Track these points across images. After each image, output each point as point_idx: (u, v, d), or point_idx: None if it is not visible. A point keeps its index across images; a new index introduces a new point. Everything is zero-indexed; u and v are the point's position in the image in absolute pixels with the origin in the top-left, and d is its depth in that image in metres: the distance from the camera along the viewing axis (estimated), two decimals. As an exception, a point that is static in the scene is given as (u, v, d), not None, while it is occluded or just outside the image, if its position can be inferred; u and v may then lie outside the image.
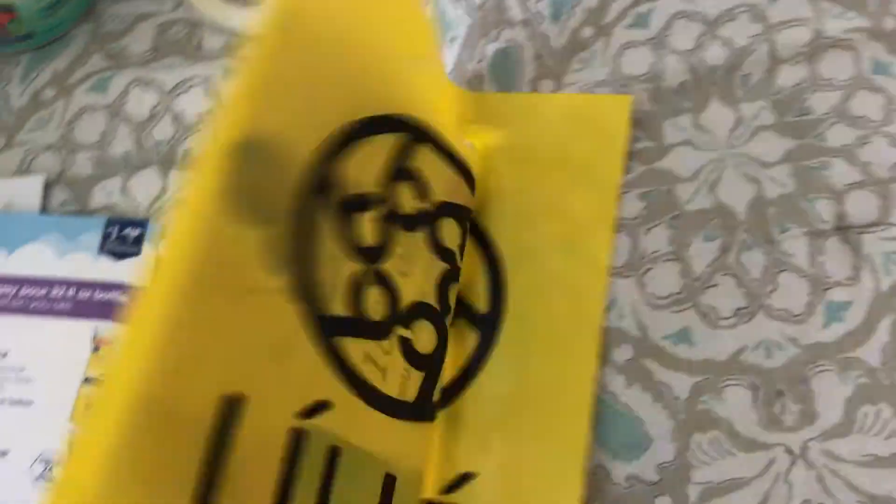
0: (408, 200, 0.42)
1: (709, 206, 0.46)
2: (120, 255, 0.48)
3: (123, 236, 0.49)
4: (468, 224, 0.46)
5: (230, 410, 0.31)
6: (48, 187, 0.51)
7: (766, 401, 0.42)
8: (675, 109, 0.49)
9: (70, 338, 0.46)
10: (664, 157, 0.48)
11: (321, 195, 0.37)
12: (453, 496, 0.41)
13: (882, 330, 0.43)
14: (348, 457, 0.36)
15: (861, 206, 0.45)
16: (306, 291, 0.36)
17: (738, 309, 0.44)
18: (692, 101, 0.49)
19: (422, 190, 0.43)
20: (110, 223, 0.49)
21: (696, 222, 0.46)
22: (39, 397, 0.45)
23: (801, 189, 0.45)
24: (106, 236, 0.49)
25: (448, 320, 0.44)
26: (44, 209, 0.50)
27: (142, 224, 0.49)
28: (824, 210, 0.45)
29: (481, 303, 0.45)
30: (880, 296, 0.43)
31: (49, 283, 0.48)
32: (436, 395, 0.42)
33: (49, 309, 0.47)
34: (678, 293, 0.44)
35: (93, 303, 0.47)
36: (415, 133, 0.43)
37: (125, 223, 0.49)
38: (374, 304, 0.39)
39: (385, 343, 0.39)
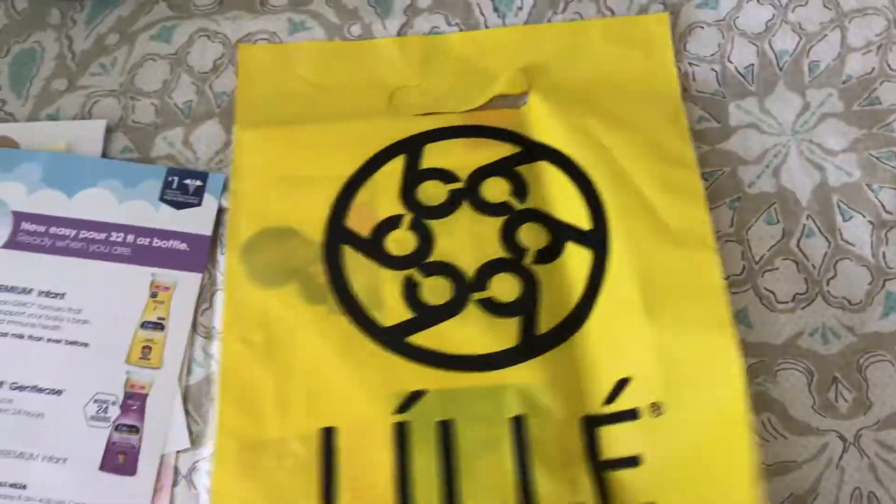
0: (431, 196, 0.47)
1: (772, 190, 0.46)
2: (180, 205, 0.48)
3: (184, 186, 0.49)
4: (516, 171, 0.48)
5: (328, 437, 0.42)
6: (109, 133, 0.51)
7: (821, 387, 0.42)
8: (741, 92, 0.49)
9: (128, 283, 0.47)
10: (728, 138, 0.48)
11: (343, 237, 0.47)
12: (614, 405, 0.42)
13: (940, 323, 0.43)
14: (464, 423, 0.42)
15: (926, 199, 0.45)
16: (352, 310, 0.45)
17: (797, 294, 0.44)
18: (759, 85, 0.49)
19: (446, 177, 0.47)
20: (171, 172, 0.49)
21: (759, 205, 0.46)
22: (95, 339, 0.45)
23: (867, 178, 0.45)
24: (166, 185, 0.49)
25: (527, 260, 0.45)
26: (104, 155, 0.50)
27: (202, 176, 0.49)
28: (889, 200, 0.44)
29: (584, 222, 0.46)
30: (940, 289, 0.43)
31: (108, 227, 0.48)
32: (550, 325, 0.44)
33: (108, 253, 0.47)
34: (738, 275, 0.45)
35: (151, 250, 0.47)
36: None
37: (186, 174, 0.49)
38: (435, 292, 0.45)
39: (464, 312, 0.44)
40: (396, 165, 0.48)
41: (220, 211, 0.48)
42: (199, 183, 0.49)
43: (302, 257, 0.46)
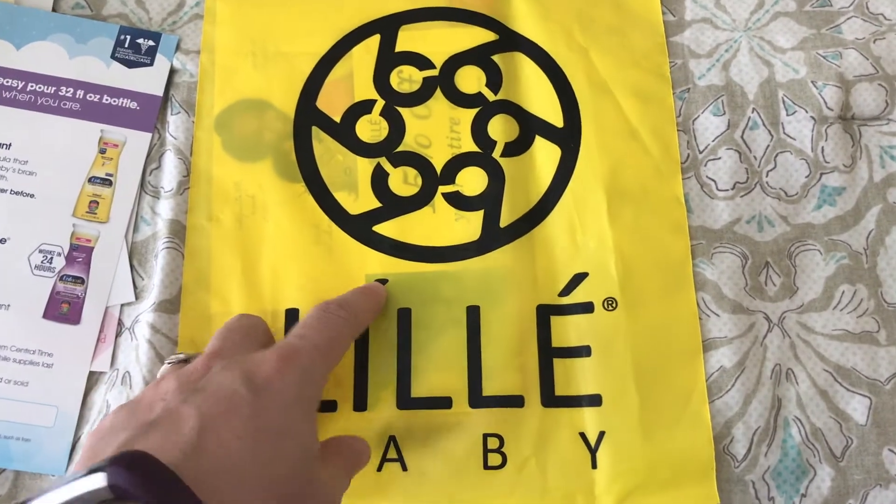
0: (404, 82, 0.47)
1: (720, 83, 0.47)
2: (131, 64, 0.48)
3: (136, 45, 0.48)
4: (491, 60, 0.48)
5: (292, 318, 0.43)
6: (60, -12, 0.50)
7: (753, 270, 0.44)
8: (699, -13, 0.49)
9: (76, 137, 0.46)
10: (683, 31, 0.48)
11: (314, 118, 0.47)
12: (570, 297, 0.43)
13: (870, 218, 0.45)
14: (421, 311, 0.43)
15: (867, 99, 0.46)
16: (321, 193, 0.45)
17: (737, 183, 0.45)
18: (716, -19, 0.49)
19: (419, 63, 0.48)
20: (123, 31, 0.48)
21: (706, 97, 0.47)
22: (41, 191, 0.45)
23: (812, 75, 0.46)
24: (119, 43, 0.48)
25: (496, 153, 0.46)
26: (54, 10, 0.49)
27: (155, 36, 0.48)
28: (831, 97, 0.46)
29: (556, 119, 0.46)
30: (873, 186, 0.45)
31: (58, 81, 0.47)
32: (513, 217, 0.45)
33: (56, 107, 0.47)
34: (682, 163, 0.46)
35: (101, 106, 0.47)
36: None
37: (138, 33, 0.48)
38: (404, 184, 0.45)
39: (431, 205, 0.45)
40: (371, 46, 0.48)
41: (172, 72, 0.48)
42: (151, 43, 0.48)
43: (277, 131, 0.46)
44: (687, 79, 0.47)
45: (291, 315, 0.43)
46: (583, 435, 0.42)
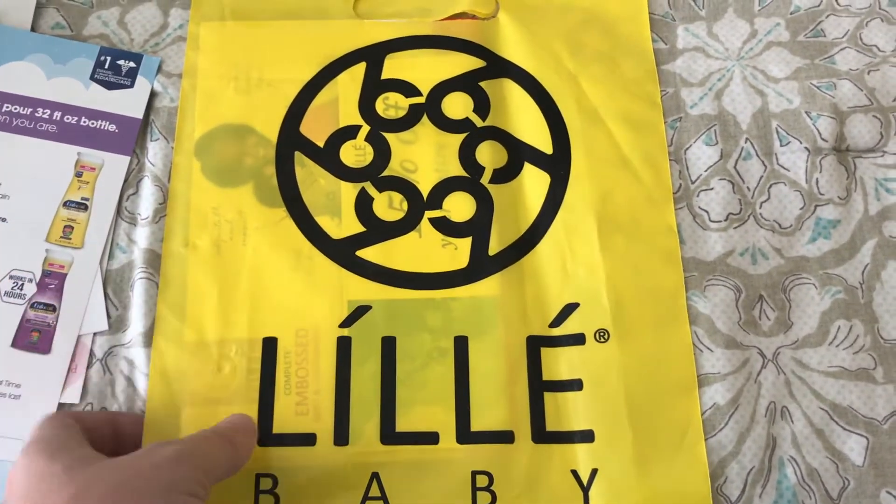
0: (390, 109, 0.46)
1: (713, 112, 0.46)
2: (111, 86, 0.47)
3: (117, 66, 0.47)
4: (479, 86, 0.47)
5: (269, 347, 0.42)
6: (40, 8, 0.48)
7: (747, 304, 0.43)
8: (691, 16, 0.49)
9: (52, 160, 0.45)
10: (675, 60, 0.48)
11: (297, 143, 0.45)
12: (561, 329, 0.42)
13: (865, 252, 0.44)
14: (406, 340, 0.42)
15: (861, 131, 0.45)
16: (303, 218, 0.44)
17: (731, 214, 0.44)
18: (708, 11, 0.49)
19: (406, 90, 0.47)
20: (104, 52, 0.47)
21: (699, 126, 0.46)
22: (14, 215, 0.44)
23: (806, 106, 0.46)
24: (98, 64, 0.47)
25: (485, 179, 0.45)
26: (33, 30, 0.48)
27: (136, 57, 0.47)
28: (825, 128, 0.45)
29: (546, 146, 0.45)
30: (868, 219, 0.44)
31: (35, 102, 0.46)
32: (502, 245, 0.44)
33: (32, 129, 0.45)
34: (674, 193, 0.45)
35: (79, 128, 0.46)
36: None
37: (119, 54, 0.47)
38: (388, 208, 0.44)
39: (417, 230, 0.44)
40: (356, 73, 0.47)
41: (153, 95, 0.47)
42: (132, 64, 0.47)
43: (258, 156, 0.45)
44: (679, 107, 0.47)
45: (269, 344, 0.41)
46: (575, 472, 0.40)
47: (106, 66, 0.47)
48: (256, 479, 0.39)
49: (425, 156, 0.45)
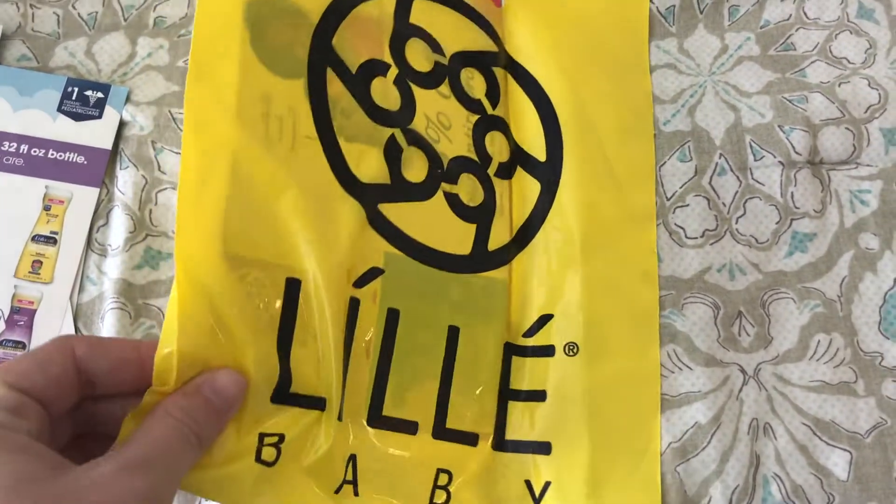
0: (419, 58, 0.43)
1: (686, 128, 0.46)
2: (79, 117, 0.46)
3: (84, 97, 0.46)
4: (493, 71, 0.46)
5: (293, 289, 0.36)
6: (4, 40, 0.48)
7: (726, 321, 0.43)
8: (662, 33, 0.49)
9: (19, 194, 0.44)
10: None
11: (329, 59, 0.40)
12: (533, 339, 0.42)
13: (842, 264, 0.44)
14: (408, 316, 0.39)
15: (834, 143, 0.45)
16: (330, 144, 0.39)
17: (707, 230, 0.44)
18: (679, 27, 0.49)
19: (432, 44, 0.44)
20: (71, 83, 0.47)
21: (672, 143, 0.46)
22: (-18, 251, 0.43)
23: (779, 119, 0.46)
24: (66, 95, 0.46)
25: (491, 170, 0.44)
26: (-1, 62, 0.47)
27: (104, 88, 0.47)
28: (799, 142, 0.45)
29: (539, 153, 0.45)
30: (844, 231, 0.44)
31: (1, 136, 0.45)
32: (498, 244, 0.43)
33: (-2, 163, 0.45)
34: (650, 209, 0.44)
35: (46, 161, 0.45)
36: None
37: (87, 84, 0.47)
38: (414, 167, 0.41)
39: (433, 200, 0.41)
40: (387, 6, 0.43)
41: (122, 125, 0.46)
42: (100, 95, 0.46)
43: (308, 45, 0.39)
44: (652, 125, 0.46)
45: (293, 285, 0.36)
46: (528, 483, 0.40)
47: (73, 97, 0.46)
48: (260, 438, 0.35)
49: (445, 121, 0.43)
